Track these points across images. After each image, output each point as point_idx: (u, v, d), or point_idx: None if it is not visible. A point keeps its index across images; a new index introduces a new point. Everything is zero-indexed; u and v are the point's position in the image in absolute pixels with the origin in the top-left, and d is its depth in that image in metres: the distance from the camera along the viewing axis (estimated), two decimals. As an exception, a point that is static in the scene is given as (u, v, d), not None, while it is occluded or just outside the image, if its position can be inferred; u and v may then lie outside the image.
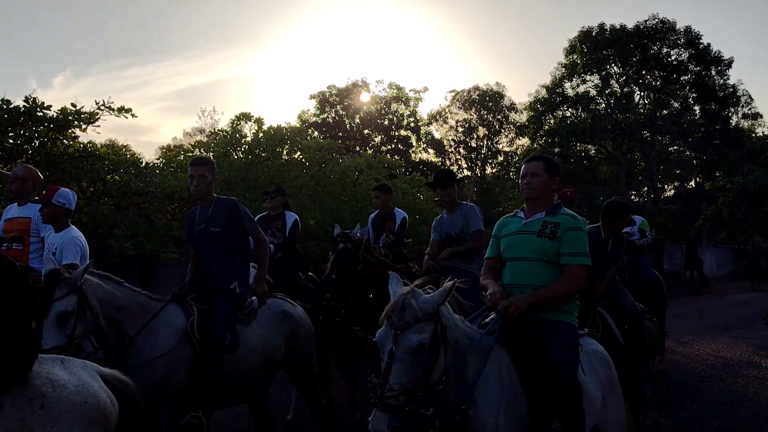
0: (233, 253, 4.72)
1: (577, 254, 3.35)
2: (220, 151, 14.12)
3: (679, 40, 29.15)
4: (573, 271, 3.34)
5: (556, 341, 3.26)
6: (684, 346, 10.58)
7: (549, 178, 3.52)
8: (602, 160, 32.22)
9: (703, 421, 6.23)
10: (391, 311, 2.74)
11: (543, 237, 3.39)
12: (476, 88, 36.38)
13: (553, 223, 3.42)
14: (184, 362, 4.18)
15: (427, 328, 2.71)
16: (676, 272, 24.47)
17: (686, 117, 29.44)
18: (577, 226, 3.40)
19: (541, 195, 3.52)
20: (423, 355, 2.67)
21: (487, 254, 3.70)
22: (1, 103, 8.70)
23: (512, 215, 3.69)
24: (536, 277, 3.36)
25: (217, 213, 4.66)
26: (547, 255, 3.37)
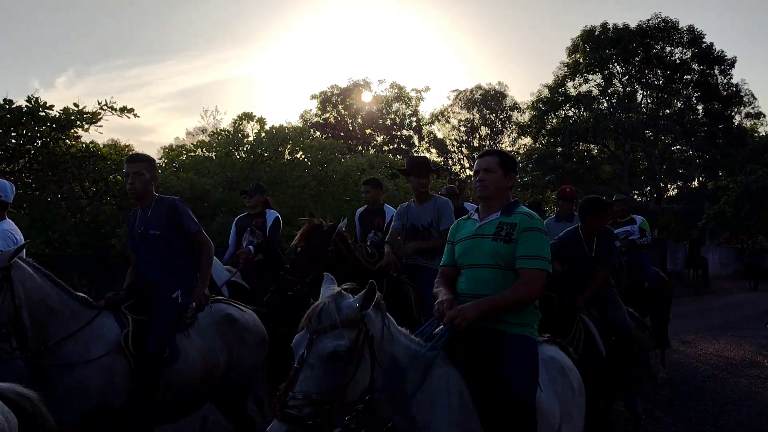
0: (176, 258, 4.35)
1: (533, 257, 3.03)
2: (223, 151, 14.14)
3: (682, 39, 29.11)
4: (528, 276, 3.02)
5: (513, 358, 2.97)
6: (687, 345, 10.56)
7: (504, 174, 3.21)
8: (605, 159, 32.18)
9: (706, 420, 6.22)
10: (310, 314, 2.48)
11: (498, 240, 3.10)
12: (479, 88, 36.37)
13: (509, 224, 3.12)
14: (119, 378, 3.78)
15: (347, 334, 2.42)
16: (679, 272, 24.43)
17: (689, 116, 29.41)
18: (533, 225, 3.08)
19: (496, 193, 3.22)
20: (338, 364, 2.38)
21: (443, 261, 3.39)
22: (4, 103, 8.72)
23: (466, 218, 3.38)
24: (494, 286, 3.06)
25: (156, 214, 4.30)
26: (505, 260, 3.08)
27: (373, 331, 2.51)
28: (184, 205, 4.41)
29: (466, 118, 36.62)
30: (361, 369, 2.44)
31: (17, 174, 9.18)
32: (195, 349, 4.18)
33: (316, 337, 2.42)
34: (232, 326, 4.48)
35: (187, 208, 4.43)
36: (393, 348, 2.61)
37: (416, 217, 5.48)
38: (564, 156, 29.02)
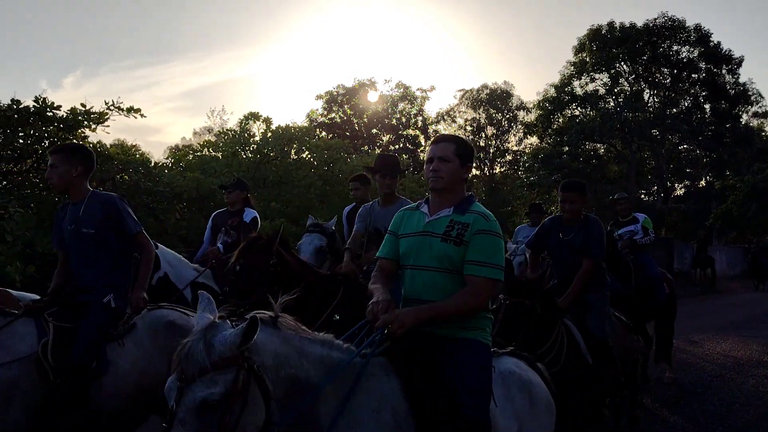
0: (111, 259, 3.96)
1: (485, 264, 2.69)
2: (229, 151, 14.19)
3: (689, 38, 29.03)
4: (476, 286, 2.70)
5: (462, 366, 2.65)
6: (694, 345, 10.52)
7: (461, 164, 2.84)
8: (611, 159, 32.10)
9: (713, 420, 6.19)
10: (179, 355, 2.08)
11: (448, 241, 2.75)
12: (485, 87, 36.31)
13: (461, 224, 2.77)
14: (20, 393, 3.39)
15: (221, 378, 2.02)
16: (686, 272, 24.34)
17: (696, 115, 29.32)
18: (489, 228, 2.74)
19: (450, 186, 2.83)
20: (212, 414, 2.01)
21: (381, 252, 3.01)
22: (12, 103, 8.76)
23: (414, 208, 3.00)
24: (439, 291, 2.74)
25: (90, 211, 3.92)
26: (453, 263, 2.74)
27: (261, 360, 2.13)
28: (124, 203, 4.07)
29: (472, 118, 36.58)
30: (246, 412, 2.07)
31: (25, 174, 9.22)
32: (129, 360, 3.79)
33: (185, 385, 2.03)
34: (174, 334, 3.88)
35: (127, 205, 4.09)
36: (299, 366, 2.25)
37: (380, 220, 4.99)
38: (570, 155, 28.96)
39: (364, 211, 5.19)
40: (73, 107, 9.19)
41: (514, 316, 4.05)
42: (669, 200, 31.63)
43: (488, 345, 2.82)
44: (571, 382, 4.10)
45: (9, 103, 8.77)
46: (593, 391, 4.44)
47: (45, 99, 8.93)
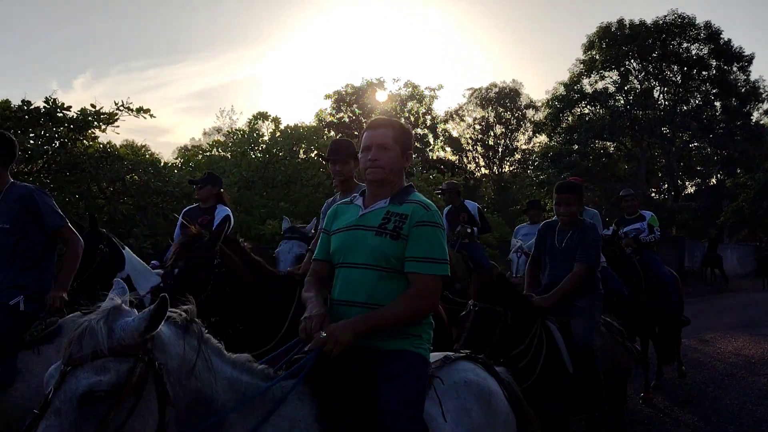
0: (27, 258, 3.60)
1: (428, 259, 2.40)
2: (238, 151, 14.23)
3: (699, 35, 28.86)
4: (421, 285, 2.40)
5: (391, 382, 2.31)
6: (705, 344, 10.46)
7: (401, 152, 2.56)
8: (621, 157, 31.97)
9: (725, 419, 6.15)
10: (70, 338, 1.79)
11: (383, 235, 2.44)
12: (494, 86, 36.27)
13: (399, 215, 2.46)
14: None
15: (114, 366, 1.72)
16: (697, 270, 24.22)
17: (707, 113, 29.14)
18: (430, 219, 2.44)
19: (390, 176, 2.54)
20: (96, 408, 1.68)
21: (315, 253, 2.73)
22: (22, 104, 8.82)
23: (348, 201, 2.71)
24: (374, 292, 2.42)
25: (7, 204, 3.59)
26: (389, 260, 2.43)
27: (165, 360, 1.83)
28: (44, 195, 3.71)
29: (481, 116, 36.53)
30: (136, 415, 1.74)
31: (36, 175, 9.27)
32: (46, 370, 3.46)
33: (70, 370, 1.73)
34: None
35: (49, 198, 3.73)
36: (207, 382, 1.94)
37: None
38: (580, 154, 28.86)
39: (326, 206, 4.65)
40: (83, 108, 9.25)
41: (484, 324, 3.73)
42: (680, 198, 31.45)
43: (422, 355, 2.45)
44: (548, 392, 3.84)
45: (20, 104, 8.83)
46: (572, 403, 4.06)
47: (55, 100, 8.99)
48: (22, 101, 8.83)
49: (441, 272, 2.44)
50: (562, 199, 4.53)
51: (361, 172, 2.65)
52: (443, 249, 2.46)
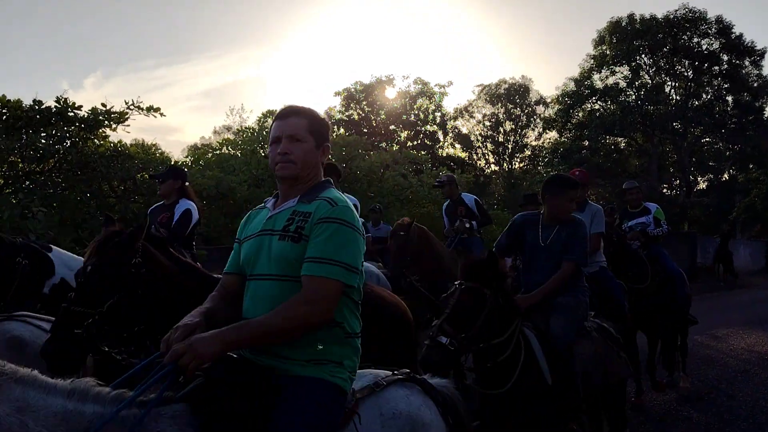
0: None
1: (324, 260, 2.04)
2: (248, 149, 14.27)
3: (710, 29, 28.66)
4: (310, 287, 2.03)
5: (292, 414, 1.99)
6: (718, 340, 10.39)
7: (315, 144, 2.25)
8: (632, 153, 31.81)
9: (738, 416, 6.10)
10: None
11: (286, 238, 2.13)
12: (503, 82, 36.17)
13: (302, 214, 2.15)
14: None
15: None
16: (709, 266, 24.06)
17: (719, 108, 28.94)
18: (334, 215, 2.10)
19: (304, 172, 2.23)
20: None
21: (226, 267, 2.42)
22: (33, 103, 8.88)
23: (261, 206, 2.41)
24: (275, 306, 2.06)
25: None
26: (294, 267, 2.10)
27: None
28: None
29: (490, 113, 36.44)
30: None
31: (47, 174, 9.34)
32: None
33: None
34: (18, 352, 3.30)
35: None
36: (18, 429, 1.59)
37: None
38: (590, 150, 28.74)
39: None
40: (94, 107, 9.32)
41: (469, 304, 3.37)
42: (692, 194, 31.26)
43: (338, 386, 2.09)
44: (524, 401, 3.48)
45: (31, 104, 8.90)
46: (549, 417, 3.60)
47: (66, 99, 9.06)
48: (34, 101, 8.90)
49: (337, 276, 2.05)
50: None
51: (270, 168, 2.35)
52: (348, 251, 2.09)
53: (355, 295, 2.20)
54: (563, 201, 4.09)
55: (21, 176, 9.18)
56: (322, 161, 2.33)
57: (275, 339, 2.05)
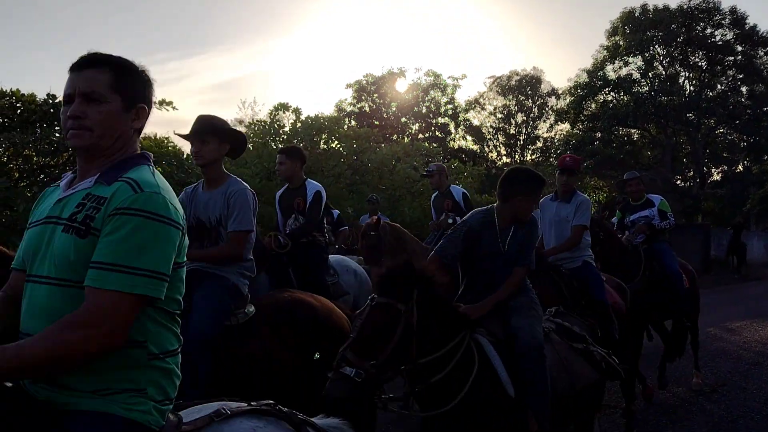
0: None
1: (116, 267, 1.54)
2: (260, 141, 14.31)
3: (725, 20, 28.37)
4: (91, 303, 1.53)
5: None
6: (731, 333, 10.34)
7: (124, 106, 1.74)
8: (645, 144, 31.60)
9: (752, 409, 6.08)
10: None
11: (70, 231, 1.62)
12: (515, 74, 35.99)
13: (97, 199, 1.64)
14: None
15: None
16: (723, 259, 23.92)
17: (733, 99, 28.67)
18: (134, 206, 1.60)
19: (104, 142, 1.71)
20: None
21: (14, 260, 1.87)
22: (47, 97, 8.94)
23: (57, 185, 1.87)
24: (54, 319, 1.55)
25: None
26: (77, 271, 1.59)
27: None
28: None
29: (502, 105, 36.28)
30: None
31: (61, 167, 9.41)
32: None
33: None
34: None
35: None
36: None
37: (202, 208, 3.61)
38: (603, 141, 28.56)
39: (185, 195, 3.70)
40: (107, 101, 9.36)
41: (380, 324, 2.84)
42: (705, 185, 31.01)
43: (134, 421, 1.59)
44: (479, 422, 3.07)
45: (45, 98, 8.96)
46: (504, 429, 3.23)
47: (80, 93, 9.10)
48: (48, 95, 8.96)
49: (132, 288, 1.54)
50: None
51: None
52: (152, 253, 1.59)
53: (170, 305, 1.71)
54: (533, 201, 3.71)
55: (36, 170, 9.24)
56: (136, 127, 1.81)
57: (40, 372, 1.55)
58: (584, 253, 5.46)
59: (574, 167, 5.68)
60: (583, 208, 5.44)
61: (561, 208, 5.50)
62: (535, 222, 3.83)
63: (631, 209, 7.06)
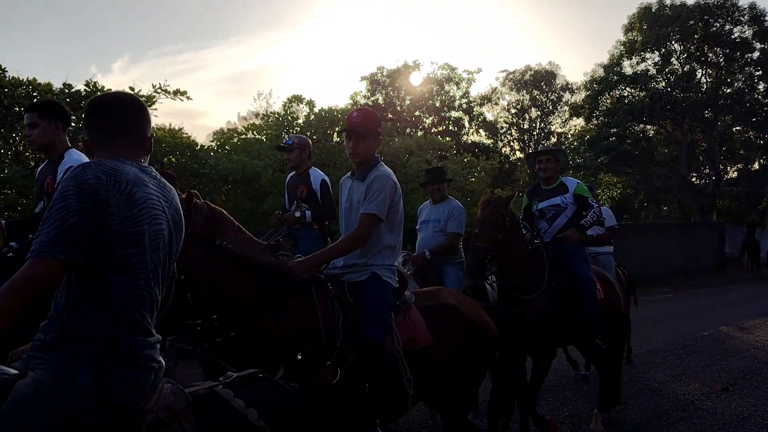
0: None
1: None
2: (273, 134, 14.35)
3: (743, 16, 28.06)
4: None
5: None
6: (744, 331, 10.28)
7: None
8: (661, 140, 31.35)
9: (763, 407, 6.05)
10: None
11: None
12: (529, 69, 35.82)
13: None
14: None
15: None
16: (738, 257, 23.76)
17: (750, 96, 28.38)
18: None
19: None
20: None
21: None
22: (64, 87, 9.02)
23: None
24: None
25: None
26: None
27: None
28: None
29: (516, 100, 36.13)
30: None
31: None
32: None
33: None
34: None
35: None
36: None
37: None
38: (618, 137, 28.36)
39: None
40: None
41: None
42: (721, 183, 30.75)
43: None
44: None
45: (61, 87, 9.04)
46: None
47: (96, 83, 9.19)
48: (64, 84, 9.04)
49: None
50: None
51: None
52: None
53: None
54: None
55: (51, 158, 9.36)
56: None
57: None
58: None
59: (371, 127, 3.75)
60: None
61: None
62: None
63: (541, 195, 5.54)
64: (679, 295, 16.33)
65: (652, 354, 8.38)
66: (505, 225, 4.82)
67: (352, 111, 3.74)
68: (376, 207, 3.41)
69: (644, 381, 7.04)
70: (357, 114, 3.69)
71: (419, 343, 3.41)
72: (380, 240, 3.50)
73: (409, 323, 3.44)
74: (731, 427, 5.54)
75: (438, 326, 3.52)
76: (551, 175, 5.49)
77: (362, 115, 3.67)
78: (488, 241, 4.72)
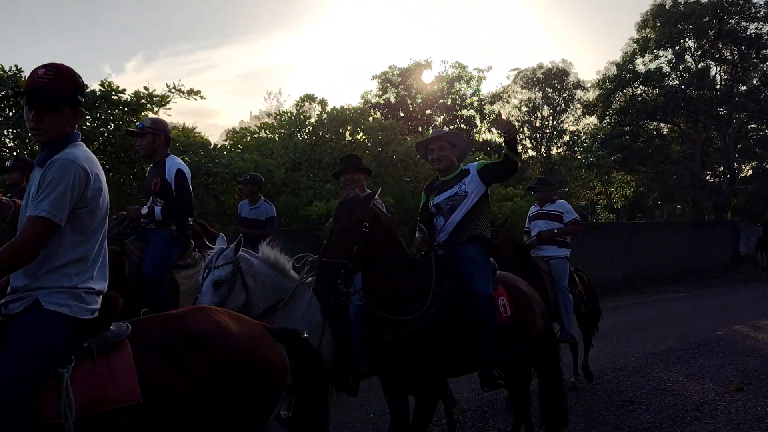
0: None
1: None
2: (285, 133, 14.39)
3: (758, 13, 27.78)
4: None
5: None
6: (759, 331, 10.20)
7: None
8: (675, 138, 31.12)
9: (778, 408, 6.02)
10: None
11: None
12: (541, 67, 35.69)
13: None
14: None
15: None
16: (752, 255, 23.56)
17: (765, 93, 28.10)
18: None
19: None
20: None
21: None
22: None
23: None
24: None
25: None
26: None
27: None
28: None
29: (527, 98, 36.00)
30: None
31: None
32: None
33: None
34: None
35: None
36: None
37: None
38: (632, 135, 28.18)
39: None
40: (136, 91, 9.51)
41: None
42: (735, 182, 30.49)
43: None
44: None
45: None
46: None
47: (110, 83, 9.24)
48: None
49: None
50: None
51: None
52: None
53: None
54: None
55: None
56: None
57: None
58: None
59: None
60: None
61: None
62: None
63: (439, 188, 4.57)
64: (693, 294, 16.23)
65: (666, 353, 8.34)
66: (362, 232, 3.75)
67: (39, 67, 2.63)
68: (49, 206, 2.41)
69: (658, 380, 7.01)
70: (46, 72, 2.61)
71: (115, 402, 2.42)
72: (57, 254, 2.49)
73: (103, 373, 2.45)
74: (746, 427, 5.51)
75: (170, 368, 2.55)
76: (447, 164, 4.52)
77: (54, 75, 2.62)
78: (338, 255, 3.67)
